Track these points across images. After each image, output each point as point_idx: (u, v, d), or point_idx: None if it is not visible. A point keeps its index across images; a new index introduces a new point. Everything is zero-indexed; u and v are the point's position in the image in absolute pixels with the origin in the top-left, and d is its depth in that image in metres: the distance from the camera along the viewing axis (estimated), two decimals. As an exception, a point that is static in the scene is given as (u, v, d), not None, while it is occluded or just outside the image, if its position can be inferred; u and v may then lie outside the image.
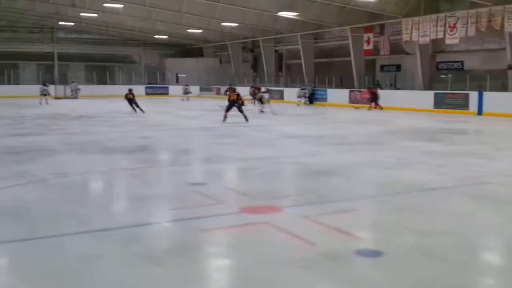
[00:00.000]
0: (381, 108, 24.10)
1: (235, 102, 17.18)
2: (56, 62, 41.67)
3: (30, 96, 32.68)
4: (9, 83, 36.75)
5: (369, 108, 24.38)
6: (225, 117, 16.88)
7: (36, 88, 29.92)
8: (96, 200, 6.70)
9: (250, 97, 25.02)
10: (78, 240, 4.77)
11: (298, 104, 28.41)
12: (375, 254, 4.39)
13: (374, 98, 24.71)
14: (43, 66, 40.91)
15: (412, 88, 25.82)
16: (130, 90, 21.99)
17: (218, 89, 39.29)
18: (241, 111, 17.03)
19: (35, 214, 5.69)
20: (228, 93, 20.18)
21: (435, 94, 23.05)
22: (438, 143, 12.26)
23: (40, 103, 26.83)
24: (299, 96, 29.12)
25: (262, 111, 21.67)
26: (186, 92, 34.47)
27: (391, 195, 6.69)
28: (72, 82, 36.61)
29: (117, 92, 35.52)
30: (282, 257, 4.35)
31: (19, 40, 40.41)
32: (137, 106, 21.37)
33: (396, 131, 14.81)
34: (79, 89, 35.58)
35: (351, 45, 28.26)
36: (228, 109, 17.17)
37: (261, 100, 22.68)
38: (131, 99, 21.66)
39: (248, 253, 4.46)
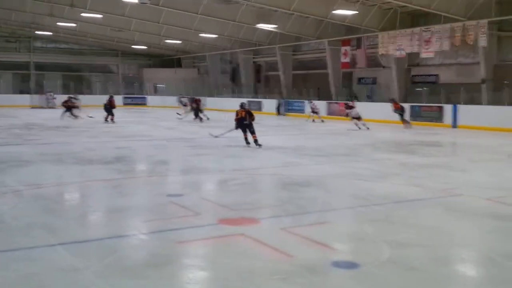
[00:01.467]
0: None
1: (244, 120, 13.33)
2: (32, 72, 41.08)
3: (5, 106, 32.18)
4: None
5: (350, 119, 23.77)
6: (245, 139, 13.38)
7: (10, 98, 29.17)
8: (72, 212, 6.60)
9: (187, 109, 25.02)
10: (53, 252, 4.70)
11: (313, 120, 24.48)
12: (351, 265, 4.44)
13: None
14: (19, 76, 40.26)
15: (388, 100, 26.20)
16: (70, 98, 23.16)
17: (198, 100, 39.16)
18: (252, 132, 13.29)
19: (9, 225, 5.59)
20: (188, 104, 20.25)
21: (411, 106, 23.44)
22: (414, 155, 12.46)
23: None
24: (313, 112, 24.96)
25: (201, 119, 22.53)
26: (184, 104, 32.45)
27: (367, 207, 6.77)
28: (48, 91, 36.07)
29: (94, 102, 35.15)
30: (259, 269, 4.36)
31: (-5, 49, 39.75)
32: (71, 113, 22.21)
33: (372, 143, 15.00)
34: (55, 99, 35.03)
35: (328, 58, 28.63)
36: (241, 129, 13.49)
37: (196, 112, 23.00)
38: (69, 107, 22.56)
39: (225, 265, 4.45)
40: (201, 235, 5.37)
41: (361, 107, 25.85)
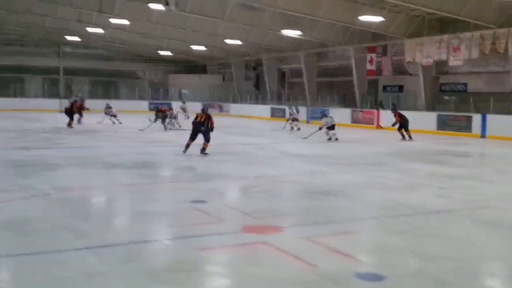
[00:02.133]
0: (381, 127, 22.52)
1: (201, 126, 12.55)
2: (61, 76, 42.00)
3: (35, 110, 32.95)
4: (14, 96, 36.92)
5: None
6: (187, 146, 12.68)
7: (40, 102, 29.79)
8: (97, 216, 6.69)
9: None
10: (80, 256, 4.76)
11: (291, 128, 22.81)
12: (376, 278, 4.36)
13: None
14: (48, 80, 41.19)
15: (414, 109, 25.86)
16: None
17: (221, 106, 39.46)
18: (207, 139, 12.66)
19: (38, 228, 5.68)
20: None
21: (438, 115, 23.07)
22: (441, 166, 12.22)
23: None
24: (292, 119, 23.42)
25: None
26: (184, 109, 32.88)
27: (394, 218, 6.65)
28: (77, 95, 36.60)
29: (121, 107, 35.68)
30: (281, 278, 4.32)
31: (26, 54, 40.75)
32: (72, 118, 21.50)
33: (399, 153, 14.80)
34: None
35: (353, 65, 28.43)
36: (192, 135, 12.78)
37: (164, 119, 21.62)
38: (73, 111, 21.75)
39: (247, 273, 4.43)
40: (224, 242, 5.36)
41: (387, 116, 25.69)
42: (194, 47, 35.83)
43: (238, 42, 31.76)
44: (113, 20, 28.04)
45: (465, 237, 5.83)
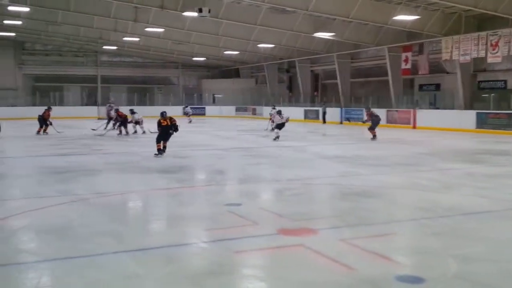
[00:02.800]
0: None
1: (170, 129, 13.30)
2: (99, 85, 43.08)
3: (74, 117, 33.88)
4: (54, 104, 38.07)
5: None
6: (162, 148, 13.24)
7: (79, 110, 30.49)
8: (135, 220, 6.82)
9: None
10: (118, 259, 4.86)
11: (272, 129, 21.07)
12: (416, 280, 4.28)
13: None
14: (86, 88, 42.30)
15: (452, 107, 25.27)
16: (49, 108, 22.23)
17: (254, 109, 39.61)
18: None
19: (78, 233, 5.83)
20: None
21: (477, 114, 22.47)
22: (481, 165, 11.90)
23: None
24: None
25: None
26: (187, 113, 32.95)
27: (432, 219, 6.51)
28: (110, 102, 36.99)
29: (156, 113, 36.25)
30: (319, 282, 4.30)
31: (64, 63, 42.03)
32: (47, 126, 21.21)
33: (436, 152, 14.49)
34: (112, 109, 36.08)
35: (388, 65, 28.01)
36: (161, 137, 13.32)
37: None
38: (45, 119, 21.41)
39: (284, 277, 4.42)
40: (260, 245, 5.37)
41: (424, 115, 25.22)
42: (227, 52, 36.11)
43: (271, 45, 31.83)
44: (148, 29, 28.59)
45: (506, 238, 5.65)
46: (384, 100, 28.76)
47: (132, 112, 21.87)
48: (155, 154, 13.10)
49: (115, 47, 38.80)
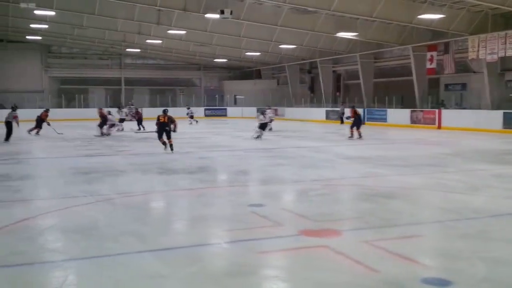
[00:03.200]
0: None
1: (166, 126, 14.29)
2: (123, 87, 43.67)
3: (99, 119, 34.31)
4: (79, 106, 38.76)
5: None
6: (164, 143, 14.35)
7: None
8: (158, 220, 6.87)
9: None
10: (142, 259, 4.90)
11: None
12: (443, 283, 4.20)
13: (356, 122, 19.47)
14: (110, 91, 42.90)
15: (479, 107, 24.81)
16: (47, 110, 22.61)
17: (275, 110, 39.55)
18: (169, 137, 14.38)
19: (103, 232, 5.91)
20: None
21: (504, 113, 22.00)
22: (508, 166, 11.64)
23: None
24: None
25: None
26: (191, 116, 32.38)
27: (459, 221, 6.39)
28: (130, 104, 37.15)
29: (177, 114, 36.48)
30: (343, 283, 4.26)
31: (89, 66, 42.75)
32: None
33: (462, 153, 14.24)
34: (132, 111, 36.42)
35: (413, 64, 27.65)
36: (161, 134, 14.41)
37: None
38: (43, 120, 21.77)
39: (307, 278, 4.40)
40: (283, 246, 5.35)
41: (448, 115, 24.83)
42: (248, 53, 36.18)
43: (292, 46, 31.77)
44: (171, 31, 28.85)
45: (537, 240, 5.51)
46: (408, 100, 28.41)
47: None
48: (164, 148, 14.30)
49: (138, 50, 39.25)
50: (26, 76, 40.01)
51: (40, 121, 22.09)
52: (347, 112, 22.00)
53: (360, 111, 20.78)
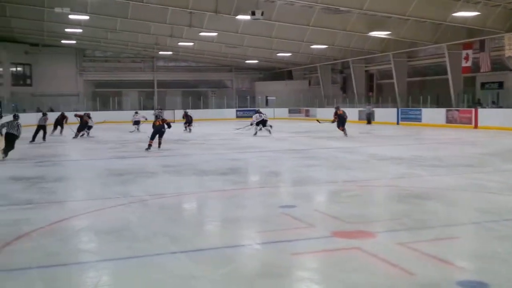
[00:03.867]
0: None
1: (162, 128, 15.86)
2: (155, 89, 44.31)
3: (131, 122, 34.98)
4: (113, 109, 39.52)
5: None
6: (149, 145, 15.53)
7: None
8: (190, 221, 6.91)
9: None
10: (175, 260, 4.93)
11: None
12: (480, 286, 4.08)
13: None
14: (144, 93, 43.60)
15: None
16: (87, 114, 23.23)
17: (307, 111, 39.39)
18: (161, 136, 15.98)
19: (136, 233, 5.97)
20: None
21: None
22: (549, 166, 11.23)
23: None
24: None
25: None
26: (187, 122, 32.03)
27: (496, 222, 6.19)
28: (158, 109, 37.36)
29: (209, 116, 36.88)
30: (376, 285, 4.18)
31: (123, 69, 43.57)
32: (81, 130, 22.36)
33: (499, 153, 13.82)
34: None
35: (448, 63, 27.05)
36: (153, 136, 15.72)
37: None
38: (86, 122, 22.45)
39: (341, 280, 4.33)
40: (315, 248, 5.29)
41: (486, 114, 24.17)
42: (280, 54, 36.14)
43: (324, 46, 31.56)
44: (202, 33, 29.09)
45: None
46: (444, 99, 27.81)
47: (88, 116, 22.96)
48: (146, 148, 15.48)
49: (170, 52, 39.76)
50: (61, 80, 41.03)
51: (61, 123, 23.52)
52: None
53: (343, 110, 21.34)
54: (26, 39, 37.66)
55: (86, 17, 26.11)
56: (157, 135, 15.78)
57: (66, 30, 30.73)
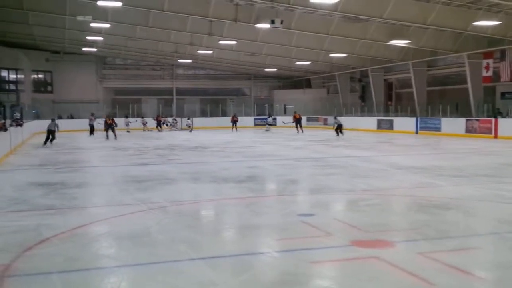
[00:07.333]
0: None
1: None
2: (174, 97, 44.68)
3: (153, 128, 35.39)
4: (133, 116, 39.95)
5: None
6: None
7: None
8: (209, 228, 6.95)
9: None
10: (194, 266, 4.97)
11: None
12: (500, 297, 4.02)
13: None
14: (162, 100, 44.00)
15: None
16: (109, 116, 27.08)
17: (325, 119, 39.27)
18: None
19: (155, 239, 6.03)
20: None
21: None
22: None
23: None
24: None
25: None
26: (188, 125, 34.95)
27: (517, 233, 6.11)
28: (188, 117, 38.23)
29: (227, 124, 37.10)
30: (395, 295, 4.15)
31: (142, 77, 44.08)
32: (112, 131, 25.97)
33: (521, 163, 13.60)
34: (176, 123, 37.61)
35: (468, 72, 26.78)
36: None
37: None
38: (109, 124, 26.08)
39: (359, 289, 4.31)
40: (334, 256, 5.29)
41: (506, 124, 23.82)
42: (298, 62, 36.19)
43: (343, 55, 31.52)
44: (222, 41, 29.31)
45: None
46: (463, 108, 27.51)
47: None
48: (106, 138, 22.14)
49: (189, 60, 40.09)
50: (82, 87, 41.67)
51: (106, 125, 26.30)
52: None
53: (298, 115, 32.10)
54: (48, 47, 38.37)
55: (107, 25, 26.53)
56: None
57: (87, 38, 31.24)
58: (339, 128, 25.50)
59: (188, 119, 35.75)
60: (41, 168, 13.47)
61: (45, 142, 21.18)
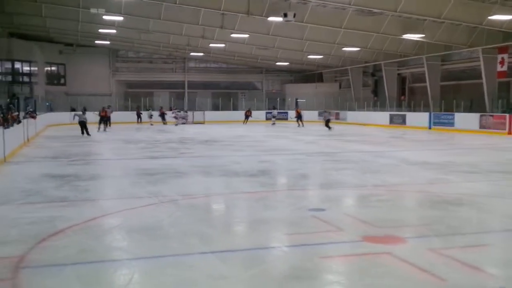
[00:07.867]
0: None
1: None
2: (186, 90, 44.77)
3: (163, 122, 35.52)
4: (145, 109, 40.11)
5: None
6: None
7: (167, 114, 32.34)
8: (220, 221, 6.98)
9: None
10: (205, 260, 5.00)
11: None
12: (512, 295, 4.00)
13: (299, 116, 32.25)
14: (174, 94, 44.13)
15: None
16: (104, 107, 27.72)
17: (337, 114, 39.14)
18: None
19: (167, 233, 6.07)
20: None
21: None
22: None
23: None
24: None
25: None
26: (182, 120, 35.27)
27: (531, 231, 6.06)
28: (179, 110, 37.91)
29: (238, 118, 37.13)
30: (406, 291, 4.14)
31: (154, 70, 44.20)
32: (106, 124, 26.73)
33: (536, 160, 13.45)
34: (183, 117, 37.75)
35: (482, 67, 26.46)
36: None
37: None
38: (103, 116, 26.62)
39: (370, 285, 4.32)
40: (344, 251, 5.28)
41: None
42: (310, 56, 36.02)
43: (356, 48, 31.31)
44: (234, 35, 29.26)
45: None
46: (477, 104, 27.21)
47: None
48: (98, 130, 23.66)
49: (201, 54, 40.10)
50: (94, 80, 41.91)
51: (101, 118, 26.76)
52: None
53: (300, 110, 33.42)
54: (61, 39, 38.63)
55: (120, 18, 26.61)
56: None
57: (100, 30, 31.37)
58: (327, 123, 27.02)
59: (186, 112, 36.37)
60: (54, 161, 13.60)
61: (84, 132, 22.85)
